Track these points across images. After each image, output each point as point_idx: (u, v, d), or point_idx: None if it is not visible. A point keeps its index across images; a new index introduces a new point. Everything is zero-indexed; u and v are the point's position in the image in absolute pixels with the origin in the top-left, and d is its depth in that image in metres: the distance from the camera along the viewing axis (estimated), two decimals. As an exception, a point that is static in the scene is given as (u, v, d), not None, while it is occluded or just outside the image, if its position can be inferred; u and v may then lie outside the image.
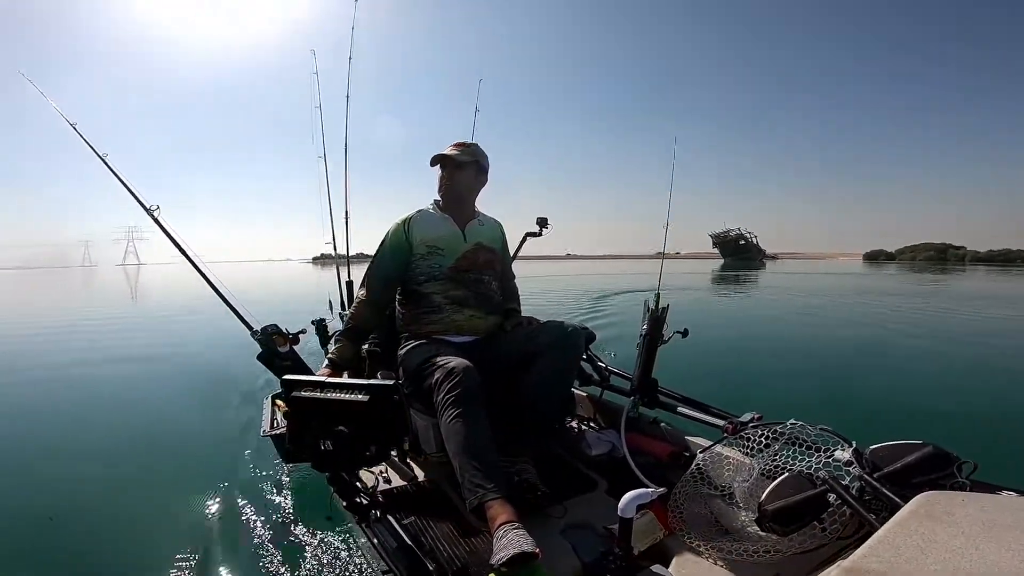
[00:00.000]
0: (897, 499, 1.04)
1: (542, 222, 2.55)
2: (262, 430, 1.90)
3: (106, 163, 2.18)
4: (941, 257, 75.22)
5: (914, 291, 15.53)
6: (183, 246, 2.23)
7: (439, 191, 1.97)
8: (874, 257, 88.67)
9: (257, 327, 2.13)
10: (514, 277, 2.19)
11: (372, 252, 1.96)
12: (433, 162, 1.93)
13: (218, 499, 2.28)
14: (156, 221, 2.15)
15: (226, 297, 2.24)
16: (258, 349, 2.11)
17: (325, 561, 1.78)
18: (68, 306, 14.63)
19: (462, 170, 1.92)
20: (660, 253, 2.53)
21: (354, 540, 1.82)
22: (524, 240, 2.62)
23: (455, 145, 1.95)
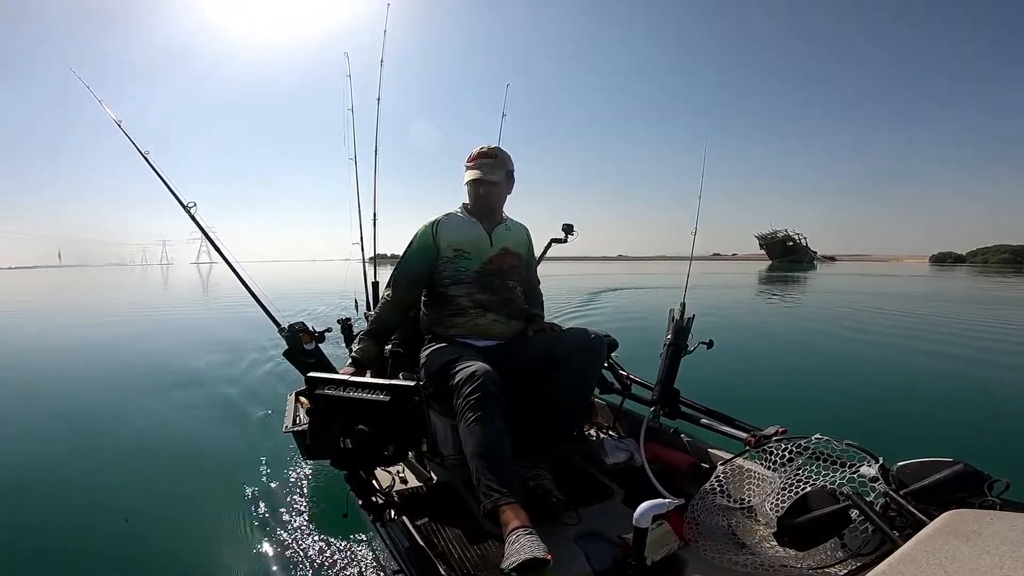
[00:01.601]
0: (922, 516, 1.00)
1: (568, 228, 2.55)
2: (284, 426, 1.93)
3: (147, 160, 2.25)
4: (1018, 260, 68.44)
5: (974, 296, 14.88)
6: (217, 243, 2.30)
7: (470, 201, 1.97)
8: (941, 260, 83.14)
9: (284, 324, 2.17)
10: (539, 282, 2.18)
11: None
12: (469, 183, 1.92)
13: (236, 494, 2.32)
14: (192, 218, 2.22)
15: (256, 294, 2.29)
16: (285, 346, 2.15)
17: (339, 559, 1.80)
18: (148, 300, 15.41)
19: (496, 186, 1.92)
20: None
21: (368, 539, 1.84)
22: (549, 245, 2.63)
23: (481, 156, 1.91)
